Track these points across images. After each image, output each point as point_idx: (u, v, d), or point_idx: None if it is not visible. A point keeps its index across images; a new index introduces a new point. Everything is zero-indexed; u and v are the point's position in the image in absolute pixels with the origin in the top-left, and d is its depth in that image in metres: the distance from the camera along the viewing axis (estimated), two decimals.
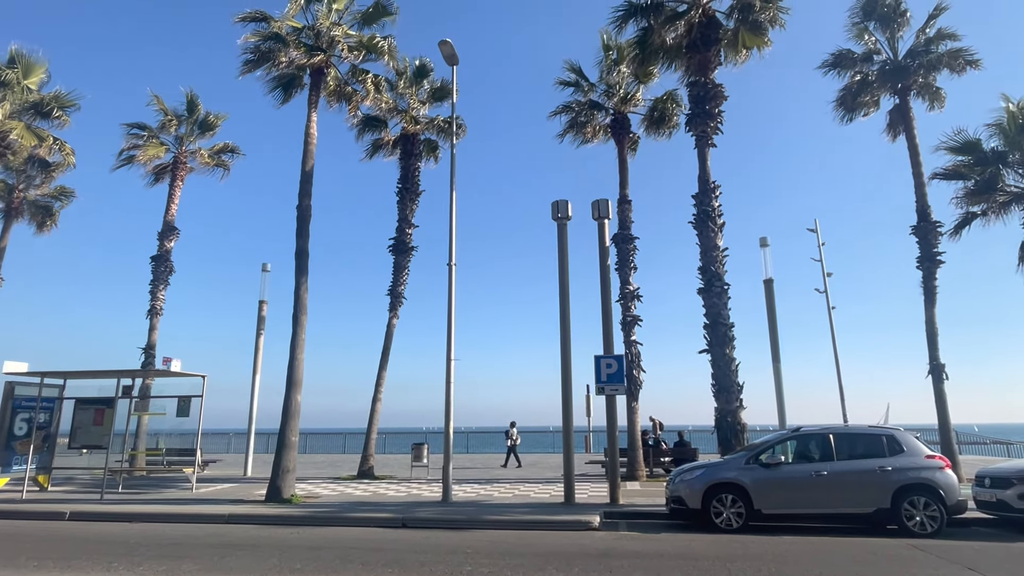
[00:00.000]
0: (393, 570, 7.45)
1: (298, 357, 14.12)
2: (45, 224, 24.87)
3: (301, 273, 14.55)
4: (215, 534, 9.99)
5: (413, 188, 20.56)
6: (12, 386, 14.90)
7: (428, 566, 7.66)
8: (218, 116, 22.97)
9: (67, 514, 11.66)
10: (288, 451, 13.57)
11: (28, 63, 17.70)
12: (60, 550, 8.67)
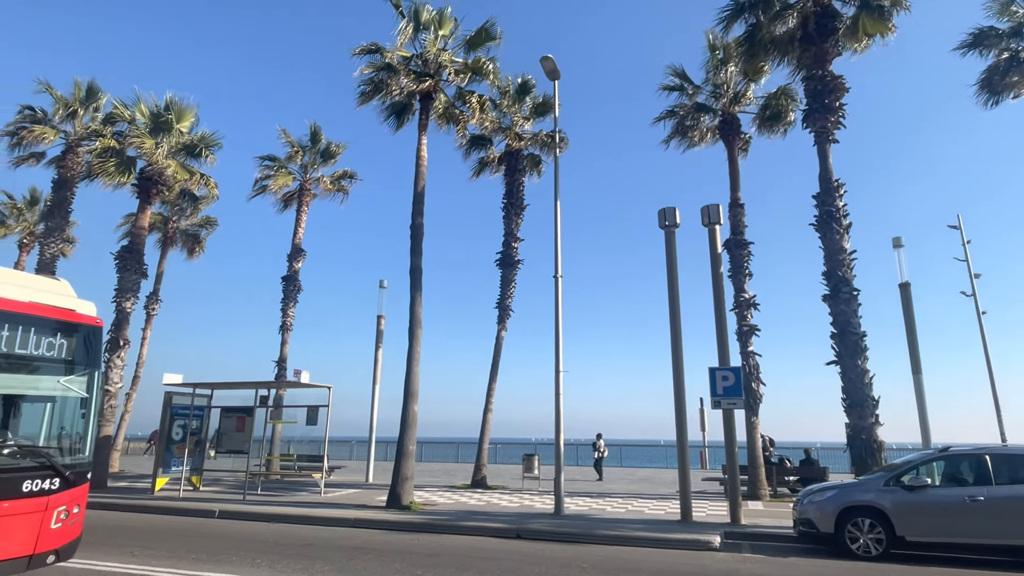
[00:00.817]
0: None
1: (414, 369, 14.75)
2: (194, 250, 27.95)
3: (416, 289, 15.23)
4: (343, 537, 10.62)
5: (518, 203, 20.92)
6: (170, 396, 16.75)
7: None
8: (338, 145, 24.69)
9: (216, 512, 12.89)
10: (406, 459, 14.17)
11: (180, 109, 20.03)
12: (212, 545, 9.59)
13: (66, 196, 20.56)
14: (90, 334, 7.26)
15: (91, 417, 7.26)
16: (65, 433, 7.01)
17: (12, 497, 6.16)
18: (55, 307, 6.97)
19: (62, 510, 6.62)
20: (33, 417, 6.96)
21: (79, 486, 6.88)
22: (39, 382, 6.82)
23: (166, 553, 8.89)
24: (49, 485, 6.50)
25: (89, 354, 7.22)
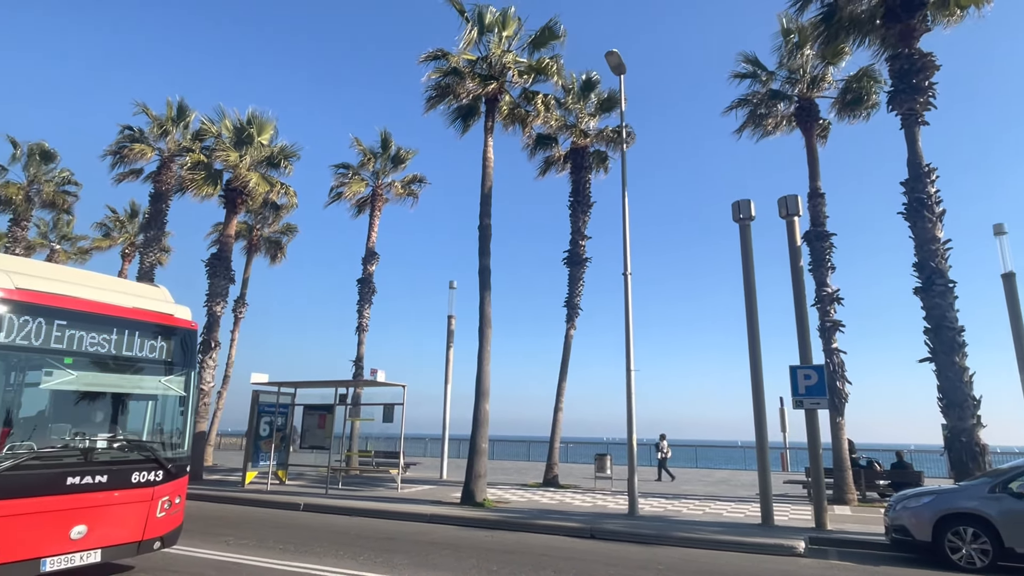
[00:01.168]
0: None
1: (485, 368, 14.94)
2: (276, 256, 29.41)
3: (485, 289, 15.41)
4: (420, 532, 10.89)
5: (584, 200, 20.78)
6: (257, 394, 17.70)
7: None
8: (408, 151, 25.35)
9: (301, 505, 13.53)
10: (479, 457, 14.37)
11: (261, 122, 21.15)
12: (298, 537, 10.08)
13: (162, 208, 22.11)
14: (186, 337, 7.79)
15: (188, 414, 7.80)
16: (166, 429, 7.56)
17: (123, 487, 6.70)
18: (155, 312, 7.52)
19: (165, 500, 7.14)
20: (138, 414, 7.54)
21: (180, 478, 7.40)
22: (143, 382, 7.38)
23: (256, 543, 9.41)
24: (154, 477, 7.03)
25: (186, 355, 7.76)
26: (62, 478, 6.18)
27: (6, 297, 6.04)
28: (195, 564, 7.86)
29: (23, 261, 7.55)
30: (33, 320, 6.18)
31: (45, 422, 6.54)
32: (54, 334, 6.36)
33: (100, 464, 6.54)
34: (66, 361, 6.47)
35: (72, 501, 6.22)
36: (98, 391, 6.98)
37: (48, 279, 6.71)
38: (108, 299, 7.06)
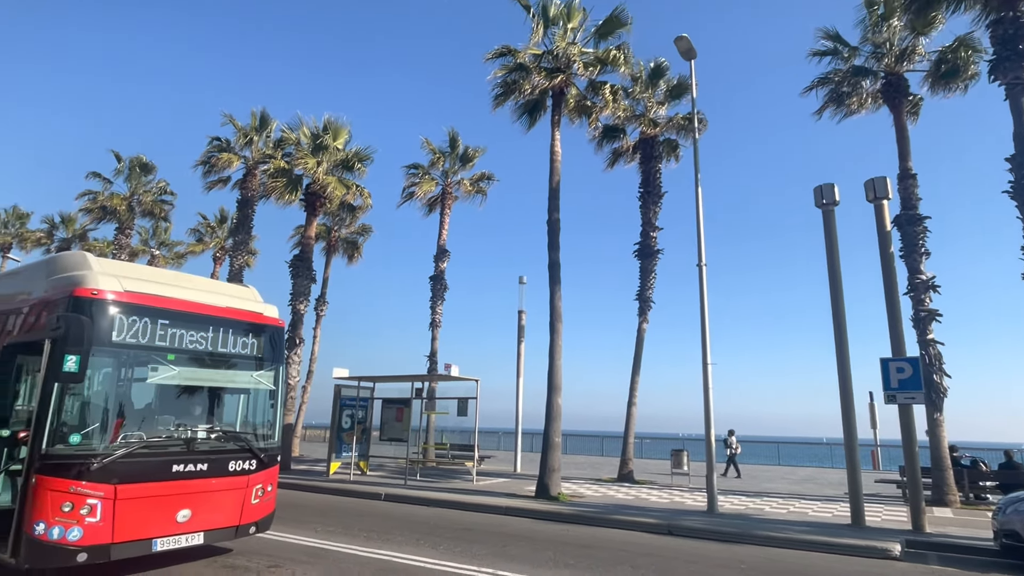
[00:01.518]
0: None
1: (556, 363, 14.95)
2: (353, 256, 30.50)
3: (555, 283, 15.41)
4: (496, 524, 11.06)
5: (655, 191, 20.34)
6: (339, 388, 18.47)
7: None
8: (476, 149, 25.65)
9: (382, 495, 14.03)
10: (553, 451, 14.41)
11: (336, 128, 22.01)
12: (380, 525, 10.46)
13: (248, 214, 23.45)
14: (274, 334, 8.24)
15: (278, 407, 8.23)
16: (258, 421, 8.02)
17: (221, 475, 7.18)
18: (246, 311, 7.99)
19: (259, 488, 7.59)
20: (232, 407, 8.05)
21: (271, 467, 7.85)
22: (236, 376, 7.86)
23: (342, 530, 9.84)
24: (248, 466, 7.48)
25: (274, 351, 8.20)
26: (168, 466, 6.69)
27: (117, 299, 6.59)
28: (287, 549, 8.32)
29: (129, 266, 8.21)
30: (140, 320, 6.72)
31: (152, 414, 7.09)
32: (158, 332, 6.88)
33: (201, 453, 7.03)
34: (169, 357, 6.98)
35: (177, 487, 6.73)
36: (197, 385, 7.49)
37: (151, 282, 7.26)
38: (204, 299, 7.57)
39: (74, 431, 6.14)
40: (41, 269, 7.60)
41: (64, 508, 5.88)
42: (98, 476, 6.09)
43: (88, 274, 6.65)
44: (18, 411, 7.16)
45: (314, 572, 7.08)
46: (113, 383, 6.73)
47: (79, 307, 6.30)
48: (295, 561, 7.60)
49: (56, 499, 5.86)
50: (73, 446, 6.07)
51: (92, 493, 6.03)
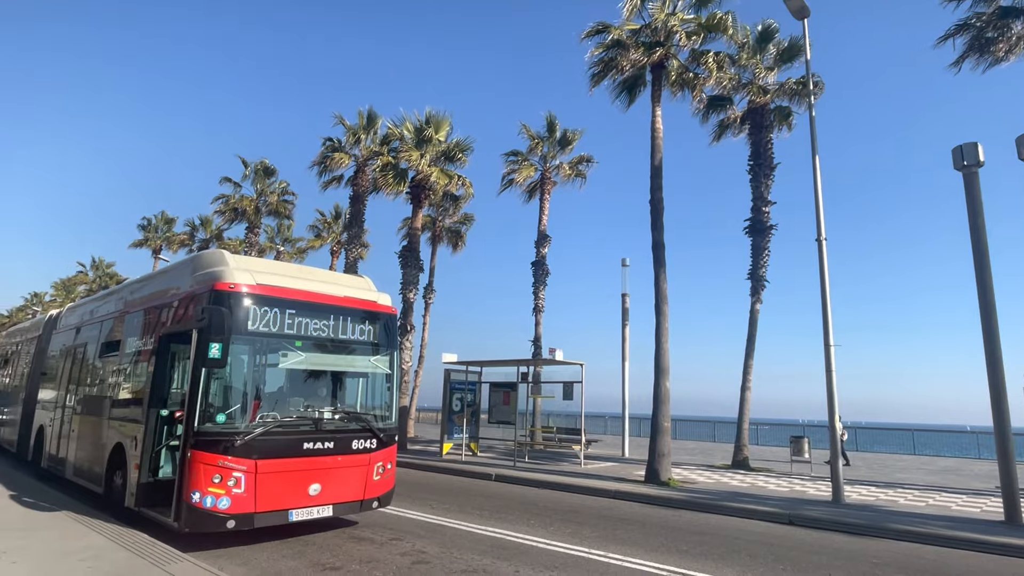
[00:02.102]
0: (785, 567, 7.07)
1: (664, 346, 14.59)
2: (457, 244, 31.39)
3: (659, 265, 15.00)
4: (605, 507, 11.04)
5: (766, 163, 19.15)
6: (448, 372, 19.17)
7: (826, 569, 7.04)
8: (574, 132, 25.39)
9: (493, 476, 14.44)
10: (662, 436, 14.13)
11: (438, 120, 22.68)
12: (492, 504, 10.78)
13: (360, 209, 24.74)
14: (388, 321, 8.68)
15: (394, 390, 8.70)
16: (376, 403, 8.51)
17: (346, 453, 7.70)
18: (363, 299, 8.48)
19: (380, 465, 8.07)
20: (352, 390, 8.60)
21: (390, 447, 8.31)
22: (355, 361, 8.37)
23: (456, 508, 10.25)
24: (369, 444, 7.97)
25: (389, 337, 8.64)
26: (300, 443, 7.28)
27: (250, 292, 7.23)
28: (406, 524, 8.80)
29: (259, 261, 8.96)
30: (271, 310, 7.33)
31: (283, 396, 7.74)
32: (286, 321, 7.48)
33: (327, 432, 7.58)
34: (296, 344, 7.57)
35: (308, 463, 7.31)
36: (321, 370, 8.08)
37: (278, 275, 7.89)
38: (325, 289, 8.12)
39: (220, 411, 6.83)
40: (187, 266, 8.48)
41: (214, 480, 6.58)
42: (241, 452, 6.76)
43: (225, 270, 7.34)
44: (174, 393, 8.07)
45: (431, 546, 7.43)
46: (250, 368, 7.41)
47: (219, 299, 6.97)
48: (414, 535, 8.02)
49: (208, 472, 6.57)
50: (219, 424, 6.76)
51: (237, 467, 6.70)
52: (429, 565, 6.56)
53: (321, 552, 7.01)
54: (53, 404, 11.87)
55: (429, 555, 6.99)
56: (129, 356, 9.02)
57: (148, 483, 7.52)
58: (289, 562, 6.58)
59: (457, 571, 6.36)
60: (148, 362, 8.20)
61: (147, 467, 7.57)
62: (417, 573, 6.24)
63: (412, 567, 6.47)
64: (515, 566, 6.63)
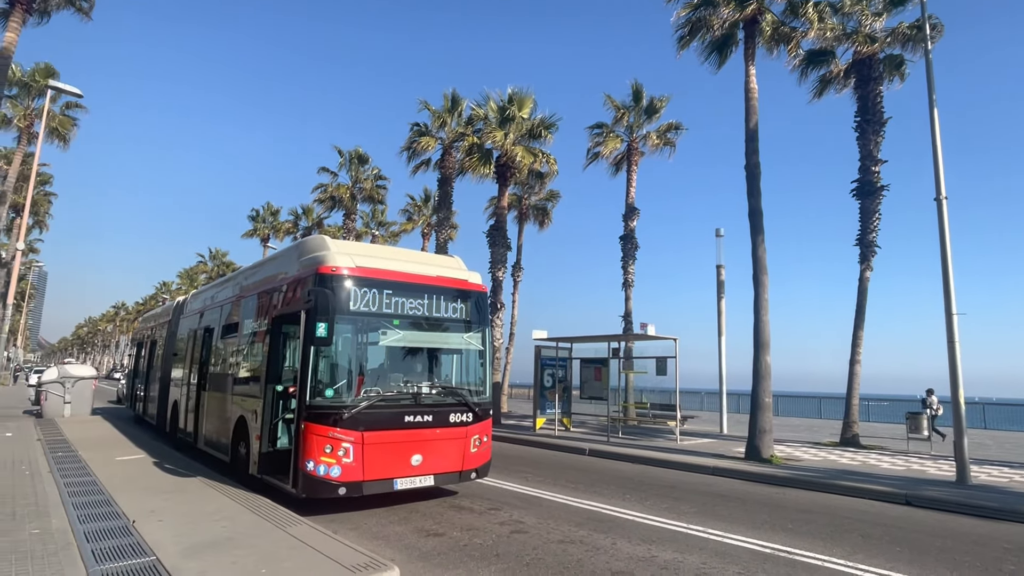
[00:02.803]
0: (902, 549, 6.66)
1: (763, 319, 13.97)
2: (543, 222, 31.42)
3: (757, 233, 14.30)
4: (703, 483, 10.82)
5: (875, 118, 17.64)
6: (539, 349, 19.34)
7: (949, 553, 6.55)
8: (661, 99, 24.49)
9: (587, 450, 14.51)
10: (763, 412, 13.60)
11: (521, 98, 22.64)
12: (586, 478, 10.85)
13: (447, 191, 25.27)
14: (479, 298, 8.87)
15: (487, 365, 8.91)
16: (470, 379, 8.75)
17: (444, 426, 8.01)
18: (455, 278, 8.70)
19: (476, 438, 8.33)
20: (447, 366, 8.89)
21: (485, 420, 8.54)
22: (450, 338, 8.64)
23: (551, 480, 10.42)
24: (465, 418, 8.24)
25: (480, 315, 8.84)
26: (401, 416, 7.65)
27: (351, 274, 7.62)
28: (502, 495, 9.06)
29: (357, 244, 9.40)
30: (370, 290, 7.70)
31: (384, 372, 8.14)
32: (384, 301, 7.82)
33: (426, 406, 7.91)
34: (394, 323, 7.91)
35: (409, 435, 7.67)
36: (417, 347, 8.42)
37: (375, 257, 8.25)
38: (419, 270, 8.41)
39: (328, 386, 7.30)
40: (293, 252, 9.04)
41: (326, 450, 7.06)
42: (349, 424, 7.20)
43: (328, 254, 7.77)
44: (287, 370, 8.69)
45: (528, 516, 7.62)
46: (353, 346, 7.84)
47: (323, 282, 7.40)
48: (511, 506, 8.24)
49: (320, 442, 7.06)
50: (329, 399, 7.23)
51: (345, 438, 7.15)
52: (527, 535, 6.73)
53: (424, 519, 7.38)
54: (183, 382, 13.14)
55: (527, 525, 7.17)
56: (246, 337, 9.79)
57: (268, 453, 8.19)
58: (396, 527, 6.97)
59: (554, 541, 6.49)
60: (263, 342, 8.87)
61: (266, 438, 8.24)
62: (515, 542, 6.43)
63: (511, 536, 6.67)
64: (612, 538, 6.66)
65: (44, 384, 18.08)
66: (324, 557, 5.23)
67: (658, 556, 6.03)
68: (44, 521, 6.27)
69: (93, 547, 5.43)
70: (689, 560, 5.93)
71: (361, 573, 4.82)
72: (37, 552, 5.26)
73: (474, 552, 6.04)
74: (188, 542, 5.59)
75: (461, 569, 5.51)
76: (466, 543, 6.36)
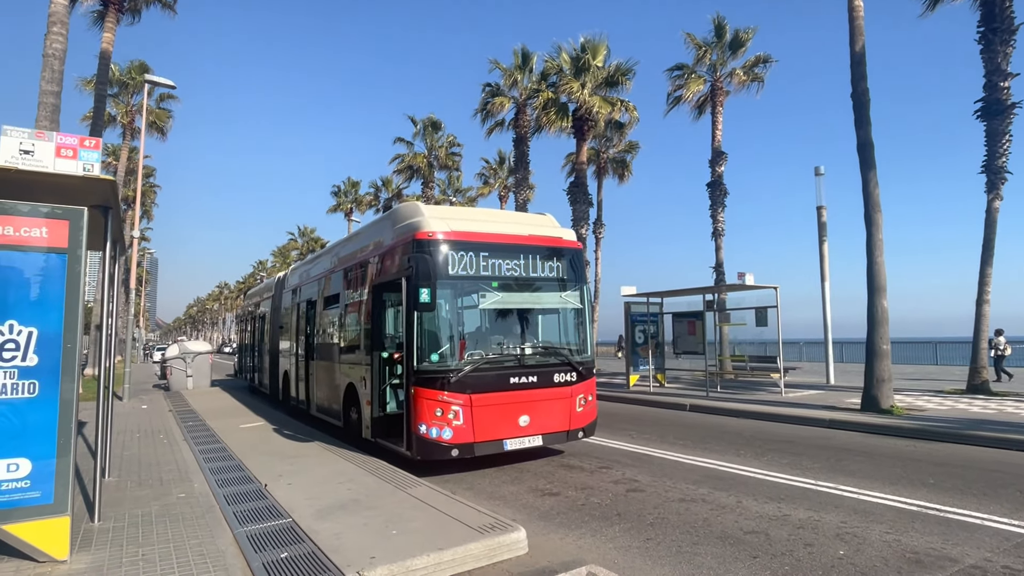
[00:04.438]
0: None
1: (877, 260, 12.88)
2: (623, 175, 30.47)
3: (868, 167, 13.10)
4: (819, 436, 10.24)
5: (1004, 26, 15.52)
6: (628, 305, 18.93)
7: None
8: (747, 31, 22.78)
9: (687, 406, 14.13)
10: (880, 359, 12.66)
11: (594, 46, 21.71)
12: (692, 434, 10.53)
13: (523, 151, 24.90)
14: (575, 256, 8.61)
15: (586, 324, 8.68)
16: (571, 338, 8.57)
17: (548, 386, 7.91)
18: (549, 236, 8.47)
19: (581, 397, 8.19)
20: (547, 326, 8.74)
21: (588, 379, 8.37)
22: (548, 298, 8.45)
23: (656, 437, 10.19)
24: (569, 378, 8.10)
25: (577, 272, 8.59)
26: (507, 378, 7.61)
27: (446, 238, 7.54)
28: (610, 453, 8.94)
29: (450, 208, 9.33)
30: (467, 253, 7.61)
31: (485, 335, 8.10)
32: (481, 263, 7.72)
33: (530, 367, 7.82)
34: (493, 284, 7.81)
35: (515, 396, 7.63)
36: (516, 308, 8.29)
37: (468, 220, 8.14)
38: (512, 230, 8.23)
39: (434, 351, 7.33)
40: (386, 221, 9.09)
41: (436, 413, 7.15)
42: (456, 387, 7.23)
43: (423, 220, 7.72)
44: (390, 336, 8.85)
45: (642, 475, 7.45)
46: (454, 310, 7.82)
47: (421, 247, 7.38)
48: (621, 464, 8.10)
49: (430, 406, 7.14)
50: (435, 363, 7.27)
51: (454, 401, 7.20)
52: (644, 493, 6.57)
53: (537, 479, 7.37)
54: (291, 352, 13.81)
55: (642, 483, 7.01)
56: (348, 307, 10.05)
57: (379, 417, 8.42)
58: (509, 487, 7.00)
59: (674, 499, 6.30)
60: (365, 311, 9.05)
61: (376, 404, 8.47)
62: (634, 501, 6.28)
63: (628, 495, 6.53)
64: (735, 496, 6.38)
65: (168, 360, 19.65)
66: (449, 518, 5.29)
67: (791, 515, 5.70)
68: (187, 486, 6.74)
69: (234, 509, 5.75)
70: (827, 519, 5.56)
71: (488, 534, 4.82)
72: (187, 514, 5.63)
73: (594, 511, 5.95)
74: (319, 504, 5.82)
75: (584, 529, 5.43)
76: (583, 502, 6.28)
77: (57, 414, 4.45)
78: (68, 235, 4.55)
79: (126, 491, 6.52)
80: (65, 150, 4.71)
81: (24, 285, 4.44)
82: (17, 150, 4.52)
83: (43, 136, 4.62)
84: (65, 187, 4.93)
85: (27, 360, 4.38)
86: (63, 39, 12.35)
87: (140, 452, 8.84)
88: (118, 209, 5.67)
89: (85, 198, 5.04)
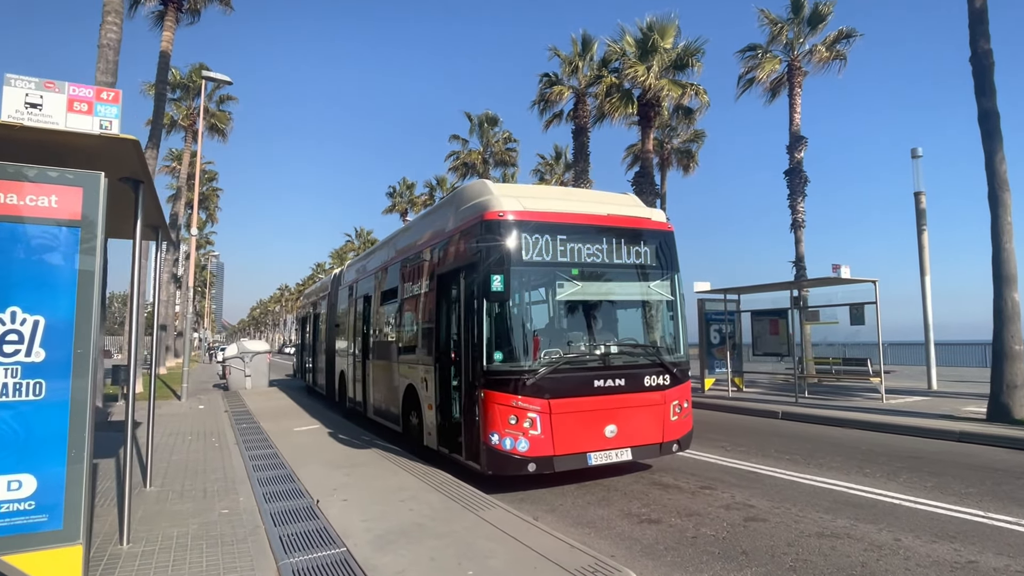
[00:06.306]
0: None
1: (1006, 246, 11.12)
2: (688, 166, 28.83)
3: (992, 140, 11.35)
4: (954, 452, 8.68)
5: None
6: (702, 303, 17.48)
7: None
8: (827, 4, 20.85)
9: (779, 414, 12.64)
10: (1011, 362, 10.90)
11: (662, 27, 20.28)
12: (796, 447, 9.15)
13: (583, 142, 23.67)
14: (666, 239, 7.42)
15: (678, 318, 7.47)
16: (661, 334, 7.40)
17: (638, 391, 6.76)
18: (636, 216, 7.32)
19: (676, 404, 7.01)
20: (634, 320, 7.56)
21: (684, 383, 7.17)
22: (635, 288, 7.30)
23: (755, 450, 8.88)
24: (662, 381, 6.93)
25: (668, 259, 7.40)
26: (590, 381, 6.51)
27: (518, 218, 6.51)
28: (707, 468, 7.72)
29: (521, 186, 8.27)
30: (543, 236, 6.56)
31: (563, 331, 7.01)
32: (559, 248, 6.66)
33: (616, 368, 6.70)
34: (573, 272, 6.74)
35: (600, 402, 6.53)
36: (599, 300, 7.19)
37: (543, 198, 7.09)
38: (594, 210, 7.12)
39: (505, 349, 6.31)
40: (449, 205, 8.13)
41: (510, 421, 6.13)
42: (532, 391, 6.20)
43: (491, 198, 6.72)
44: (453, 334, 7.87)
45: (756, 498, 6.21)
46: (528, 302, 6.81)
47: (490, 229, 6.39)
48: (725, 483, 6.88)
49: (503, 412, 6.13)
50: (507, 364, 6.25)
51: (531, 407, 6.17)
52: (767, 524, 5.36)
53: (628, 500, 6.25)
54: (347, 352, 13.12)
55: (760, 510, 5.79)
56: (407, 301, 9.17)
57: (443, 424, 7.48)
58: (598, 510, 5.91)
59: (810, 534, 5.06)
60: (425, 305, 8.16)
61: (439, 408, 7.53)
62: (757, 534, 5.09)
63: (747, 525, 5.33)
64: (889, 531, 5.09)
65: (227, 359, 19.46)
66: (535, 554, 4.26)
67: (978, 561, 4.39)
68: (232, 499, 5.96)
69: (280, 532, 4.90)
70: None
71: None
72: (227, 536, 4.82)
73: (710, 547, 4.80)
74: (377, 529, 4.90)
75: (707, 573, 4.29)
76: (693, 534, 5.13)
77: (68, 420, 3.67)
78: (82, 204, 3.77)
79: (165, 504, 5.79)
80: (79, 103, 3.95)
81: (29, 265, 3.68)
82: (23, 103, 3.78)
83: (52, 86, 3.87)
84: (83, 151, 4.16)
85: (32, 355, 3.62)
86: (118, 28, 12.05)
87: (188, 457, 8.21)
88: (151, 183, 4.90)
89: (109, 168, 4.28)
